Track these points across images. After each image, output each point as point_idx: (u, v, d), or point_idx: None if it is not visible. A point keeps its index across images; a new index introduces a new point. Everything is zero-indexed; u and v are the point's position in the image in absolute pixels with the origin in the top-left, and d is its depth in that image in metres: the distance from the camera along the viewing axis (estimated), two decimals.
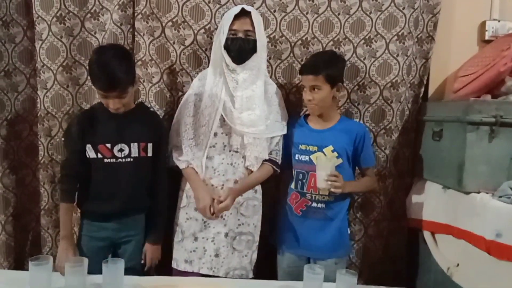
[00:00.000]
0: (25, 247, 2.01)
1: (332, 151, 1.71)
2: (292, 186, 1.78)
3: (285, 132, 1.78)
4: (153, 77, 1.90)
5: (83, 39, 1.92)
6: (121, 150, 1.62)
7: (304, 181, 1.74)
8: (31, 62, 1.94)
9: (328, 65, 1.70)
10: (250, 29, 1.65)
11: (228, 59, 1.66)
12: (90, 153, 1.62)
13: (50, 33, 1.87)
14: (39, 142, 1.96)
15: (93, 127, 1.63)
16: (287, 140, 1.80)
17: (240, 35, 1.64)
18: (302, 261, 1.73)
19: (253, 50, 1.67)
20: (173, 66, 1.92)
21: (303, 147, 1.76)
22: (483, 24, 2.01)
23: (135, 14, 1.87)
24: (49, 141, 1.94)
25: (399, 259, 2.09)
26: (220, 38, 1.65)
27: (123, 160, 1.62)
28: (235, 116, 1.67)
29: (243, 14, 1.64)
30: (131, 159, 1.63)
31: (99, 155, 1.61)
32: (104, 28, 1.91)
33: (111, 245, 1.69)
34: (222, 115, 1.68)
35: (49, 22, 1.86)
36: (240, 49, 1.65)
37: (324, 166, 1.63)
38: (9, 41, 1.90)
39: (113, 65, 1.48)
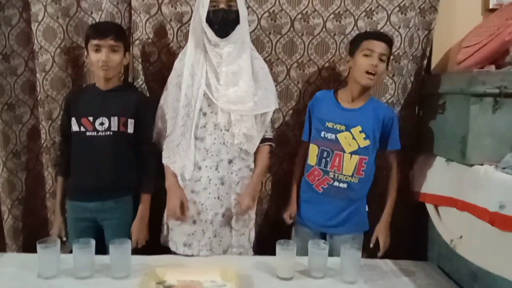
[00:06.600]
0: (33, 230, 2.03)
1: (360, 132, 1.67)
2: (312, 162, 1.75)
3: (274, 107, 1.72)
4: (151, 56, 1.87)
5: (80, 19, 1.89)
6: (101, 124, 1.67)
7: (328, 159, 1.71)
8: (29, 45, 1.91)
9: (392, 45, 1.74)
10: None
11: (211, 33, 1.59)
12: (74, 126, 1.69)
13: (46, 14, 1.84)
14: (41, 126, 1.96)
15: (80, 102, 1.72)
16: (314, 114, 1.76)
17: (222, 6, 1.57)
18: (317, 236, 1.73)
19: (236, 21, 1.59)
20: (171, 45, 1.89)
21: (330, 124, 1.71)
22: None
23: None
24: (50, 124, 1.93)
25: (403, 233, 2.09)
26: (200, 12, 1.58)
27: (103, 133, 1.67)
28: (221, 93, 1.62)
29: None
30: (111, 133, 1.67)
31: (82, 128, 1.68)
32: (100, 8, 1.87)
33: (96, 227, 1.71)
34: (208, 94, 1.63)
35: (44, 3, 1.83)
36: (223, 21, 1.57)
37: (288, 256, 1.48)
38: (6, 24, 1.87)
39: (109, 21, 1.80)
